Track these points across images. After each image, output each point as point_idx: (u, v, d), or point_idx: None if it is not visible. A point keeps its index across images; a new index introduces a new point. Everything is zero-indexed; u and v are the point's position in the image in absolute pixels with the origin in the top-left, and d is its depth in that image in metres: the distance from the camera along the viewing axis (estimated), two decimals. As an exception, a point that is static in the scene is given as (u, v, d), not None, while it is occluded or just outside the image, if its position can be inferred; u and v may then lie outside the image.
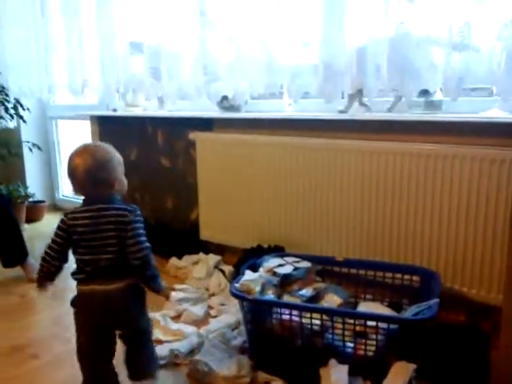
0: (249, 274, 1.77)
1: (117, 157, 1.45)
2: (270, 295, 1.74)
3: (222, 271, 2.39)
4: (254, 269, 1.89)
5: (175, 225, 2.90)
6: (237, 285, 1.71)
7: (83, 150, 1.41)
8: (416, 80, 1.81)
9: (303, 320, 1.60)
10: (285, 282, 1.85)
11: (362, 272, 1.96)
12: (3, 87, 3.21)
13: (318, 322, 1.60)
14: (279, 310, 1.63)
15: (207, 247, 2.69)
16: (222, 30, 2.35)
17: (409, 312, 1.57)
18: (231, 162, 2.50)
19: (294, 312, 1.61)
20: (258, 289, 1.71)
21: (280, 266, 1.89)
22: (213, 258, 2.50)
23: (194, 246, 2.70)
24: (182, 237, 2.79)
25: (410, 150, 1.93)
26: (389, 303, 1.90)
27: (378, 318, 1.56)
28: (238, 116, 2.46)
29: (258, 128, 2.43)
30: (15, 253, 2.55)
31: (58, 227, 1.41)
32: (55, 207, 3.94)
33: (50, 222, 3.65)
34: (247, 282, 1.71)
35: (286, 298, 1.78)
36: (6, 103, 3.23)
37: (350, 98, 2.11)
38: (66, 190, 3.95)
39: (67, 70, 2.97)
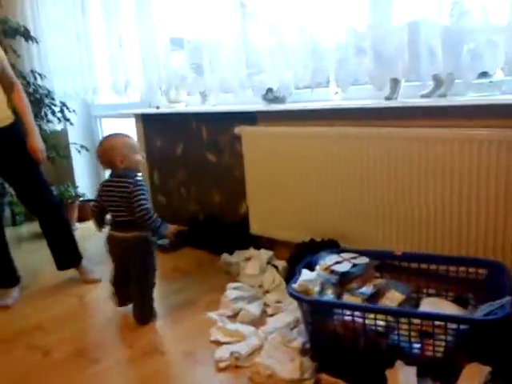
0: (306, 274, 1.73)
1: (120, 143, 2.01)
2: (330, 295, 1.69)
3: (276, 267, 2.36)
4: (311, 267, 1.84)
5: (224, 219, 2.88)
6: (294, 285, 1.67)
7: (101, 141, 2.09)
8: (475, 61, 1.69)
9: (366, 321, 1.55)
10: (344, 280, 1.79)
11: (423, 266, 1.88)
12: (49, 91, 3.26)
13: (381, 322, 1.54)
14: (341, 311, 1.58)
15: (258, 242, 2.65)
16: (262, 20, 2.29)
17: (480, 311, 1.48)
18: (278, 154, 2.45)
19: (356, 313, 1.56)
20: (316, 289, 1.67)
21: (337, 263, 1.84)
22: (265, 254, 2.46)
23: (244, 240, 2.67)
24: (232, 231, 2.77)
25: (468, 136, 1.82)
26: (454, 298, 1.82)
27: (447, 318, 1.49)
28: (283, 108, 2.39)
29: (305, 119, 2.36)
30: (69, 255, 2.59)
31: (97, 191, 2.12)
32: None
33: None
34: (305, 283, 1.66)
35: (346, 297, 1.73)
36: (53, 107, 3.27)
37: (393, 83, 2.01)
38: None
39: (109, 70, 2.98)
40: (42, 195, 2.43)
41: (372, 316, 1.54)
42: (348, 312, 1.57)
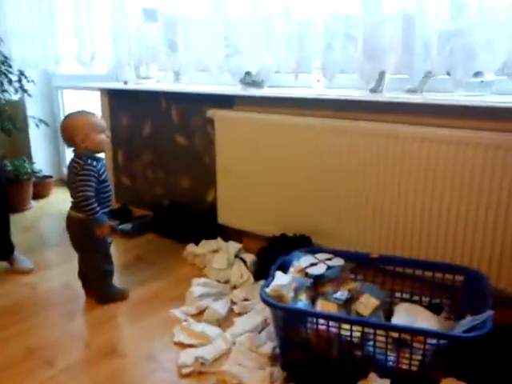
0: (280, 277, 1.62)
1: (83, 121, 1.93)
2: (304, 301, 1.59)
3: (244, 261, 2.25)
4: (284, 267, 1.74)
5: (191, 206, 2.74)
6: (267, 290, 1.56)
7: (64, 118, 2.01)
8: (471, 60, 1.60)
9: (341, 331, 1.46)
10: (318, 283, 1.70)
11: (398, 269, 1.81)
12: (5, 57, 2.98)
13: (357, 332, 1.46)
14: (315, 320, 1.49)
15: (225, 232, 2.54)
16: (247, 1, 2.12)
17: (461, 326, 1.42)
18: (253, 142, 2.32)
19: (331, 322, 1.47)
20: (290, 295, 1.56)
21: (312, 265, 1.74)
22: (233, 246, 2.35)
23: (211, 230, 2.55)
24: (199, 220, 2.63)
25: (453, 137, 1.75)
26: (428, 303, 1.76)
27: (426, 333, 1.42)
28: (260, 94, 2.25)
29: (283, 106, 2.23)
30: (1, 246, 2.34)
31: None
32: (63, 182, 3.78)
33: (58, 198, 3.51)
34: (279, 287, 1.56)
35: (321, 302, 1.63)
36: (10, 75, 3.01)
37: (379, 75, 1.90)
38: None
39: (75, 39, 2.75)
40: None
41: (347, 326, 1.45)
42: (322, 321, 1.48)
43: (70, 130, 1.92)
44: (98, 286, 2.06)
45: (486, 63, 1.59)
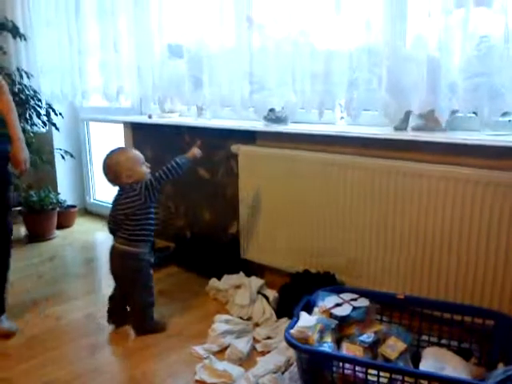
0: (305, 318, 1.60)
1: (125, 158, 2.00)
2: (330, 343, 1.56)
3: (266, 297, 2.22)
4: (309, 307, 1.72)
5: (213, 239, 2.74)
6: (292, 331, 1.54)
7: (105, 157, 2.04)
8: (498, 100, 1.58)
9: (368, 376, 1.43)
10: (343, 324, 1.67)
11: (426, 311, 1.77)
12: (35, 91, 3.07)
13: (384, 378, 1.42)
14: (341, 364, 1.46)
15: (248, 267, 2.52)
16: (270, 36, 2.16)
17: (494, 377, 1.37)
18: (276, 176, 2.32)
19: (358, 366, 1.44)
20: (315, 336, 1.54)
21: (337, 305, 1.71)
22: (255, 282, 2.32)
23: (234, 264, 2.53)
24: (221, 253, 2.62)
25: (488, 179, 1.72)
26: (457, 348, 1.71)
27: (457, 382, 1.37)
28: (284, 130, 2.26)
29: (307, 142, 2.24)
30: None
31: None
32: (86, 211, 3.83)
33: (81, 228, 3.55)
34: (304, 329, 1.53)
35: (346, 345, 1.60)
36: (39, 109, 3.09)
37: (405, 113, 1.90)
38: (97, 193, 3.83)
39: (101, 75, 2.82)
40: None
41: (374, 371, 1.42)
42: (348, 365, 1.45)
43: (116, 167, 1.98)
44: (141, 317, 2.05)
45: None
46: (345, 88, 1.96)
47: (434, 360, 1.57)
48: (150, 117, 2.90)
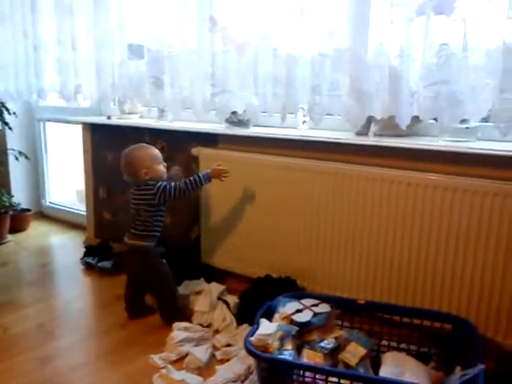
0: (265, 325, 1.57)
1: (144, 154, 2.06)
2: (290, 350, 1.53)
3: (227, 303, 2.18)
4: (269, 314, 1.69)
5: (173, 244, 2.68)
6: (252, 339, 1.51)
7: (123, 153, 2.11)
8: (457, 108, 1.60)
9: (328, 383, 1.41)
10: (304, 331, 1.65)
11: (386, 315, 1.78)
12: (-13, 89, 2.94)
13: (345, 385, 1.41)
14: (301, 372, 1.44)
15: (208, 272, 2.47)
16: (233, 38, 2.13)
17: (452, 382, 1.38)
18: (238, 180, 2.28)
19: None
20: (276, 344, 1.51)
21: (298, 311, 1.69)
22: (216, 288, 2.28)
23: (194, 269, 2.48)
24: (182, 258, 2.56)
25: (446, 184, 1.74)
26: (417, 352, 1.72)
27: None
28: (246, 133, 2.24)
29: (268, 146, 2.22)
30: None
31: None
32: (42, 215, 3.69)
33: (36, 232, 3.42)
34: (264, 337, 1.50)
35: (307, 352, 1.58)
36: (-9, 107, 2.96)
37: (367, 118, 1.90)
38: (53, 196, 3.70)
39: (58, 73, 2.72)
40: None
41: (335, 378, 1.41)
42: (309, 373, 1.43)
43: (134, 163, 2.03)
44: (168, 306, 2.11)
45: (471, 111, 1.60)
46: (307, 92, 1.94)
47: (393, 365, 1.57)
48: (109, 118, 2.82)
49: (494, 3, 1.51)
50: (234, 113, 2.26)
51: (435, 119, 1.70)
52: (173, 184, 2.02)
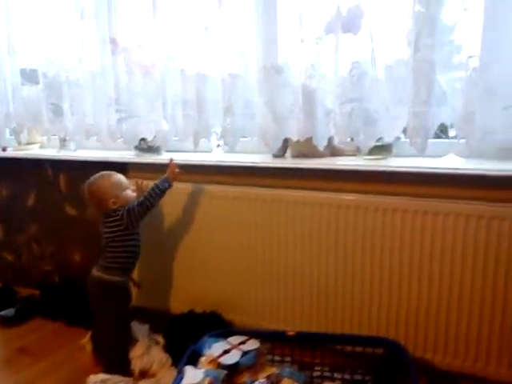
0: (190, 374, 1.43)
1: (109, 184, 1.88)
2: (219, 399, 1.41)
3: (157, 342, 2.01)
4: (195, 358, 1.55)
5: (85, 283, 2.45)
6: (176, 392, 1.36)
7: (86, 184, 1.92)
8: (372, 126, 1.58)
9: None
10: (233, 373, 1.53)
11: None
12: None
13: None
14: (233, 422, 1.31)
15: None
16: (138, 60, 1.99)
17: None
18: (152, 211, 2.12)
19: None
20: (203, 394, 1.37)
21: (225, 352, 1.57)
22: (138, 327, 2.08)
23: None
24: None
25: (367, 204, 1.70)
26: (351, 380, 1.65)
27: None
28: (157, 161, 2.08)
29: (182, 173, 2.08)
30: None
31: None
32: None
33: None
34: (190, 387, 1.36)
35: (238, 398, 1.46)
36: None
37: (283, 140, 1.84)
38: None
39: None
40: None
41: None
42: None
43: (100, 194, 1.88)
44: (111, 352, 1.90)
45: (386, 129, 1.58)
46: (220, 115, 1.85)
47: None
48: (4, 149, 2.55)
49: (398, 20, 1.51)
50: (143, 139, 2.12)
51: (352, 139, 1.66)
52: (135, 202, 1.87)
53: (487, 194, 1.55)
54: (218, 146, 2.09)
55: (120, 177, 1.94)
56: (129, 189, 1.93)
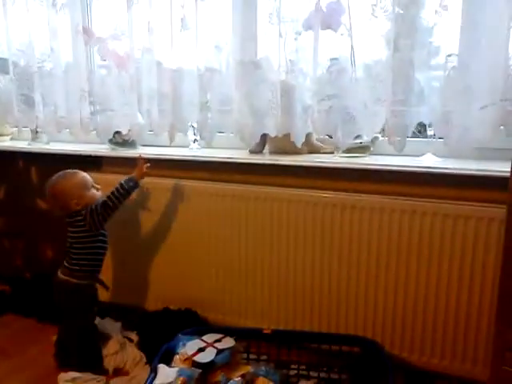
0: (163, 373, 1.41)
1: (72, 184, 1.80)
2: (193, 399, 1.39)
3: (131, 340, 1.98)
4: (169, 356, 1.53)
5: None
6: (150, 392, 1.34)
7: (47, 185, 1.85)
8: (350, 123, 1.56)
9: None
10: (208, 372, 1.51)
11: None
12: None
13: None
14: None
15: (100, 307, 2.22)
16: (113, 51, 1.94)
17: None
18: (127, 206, 2.07)
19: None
20: (177, 394, 1.35)
21: (200, 350, 1.55)
22: (111, 325, 2.05)
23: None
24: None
25: (345, 201, 1.70)
26: (327, 379, 1.65)
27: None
28: (131, 155, 2.04)
29: (157, 168, 2.04)
30: None
31: None
32: None
33: None
34: (163, 387, 1.34)
35: (212, 397, 1.44)
36: None
37: (261, 136, 1.82)
38: None
39: None
40: None
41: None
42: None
43: (61, 196, 1.80)
44: (77, 351, 1.85)
45: (364, 127, 1.57)
46: (197, 109, 1.81)
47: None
48: (-28, 141, 2.47)
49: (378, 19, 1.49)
50: (118, 132, 2.07)
51: (330, 136, 1.65)
52: (99, 202, 1.80)
53: (461, 194, 1.56)
54: (195, 140, 2.06)
55: (84, 175, 1.86)
56: (93, 187, 1.85)
